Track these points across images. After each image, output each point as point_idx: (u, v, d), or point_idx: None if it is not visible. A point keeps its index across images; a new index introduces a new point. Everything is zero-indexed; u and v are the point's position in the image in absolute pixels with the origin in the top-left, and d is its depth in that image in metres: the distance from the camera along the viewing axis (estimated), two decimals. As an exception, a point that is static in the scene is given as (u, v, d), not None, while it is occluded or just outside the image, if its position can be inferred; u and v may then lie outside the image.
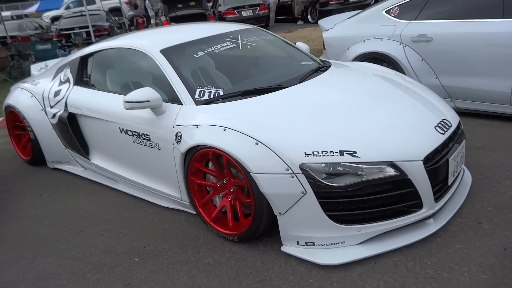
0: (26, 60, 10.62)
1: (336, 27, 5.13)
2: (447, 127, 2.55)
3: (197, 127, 2.57)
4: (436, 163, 2.34)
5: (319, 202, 2.22)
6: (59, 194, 3.63)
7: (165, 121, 2.78)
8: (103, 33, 12.34)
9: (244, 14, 13.49)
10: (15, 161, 4.50)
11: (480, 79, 3.90)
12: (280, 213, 2.30)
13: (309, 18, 14.37)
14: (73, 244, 2.84)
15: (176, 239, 2.72)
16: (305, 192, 2.21)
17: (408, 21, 4.36)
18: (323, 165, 2.21)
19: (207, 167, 2.64)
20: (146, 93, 2.74)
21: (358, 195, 2.24)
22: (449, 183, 2.50)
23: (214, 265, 2.42)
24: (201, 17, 12.42)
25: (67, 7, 26.12)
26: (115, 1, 27.31)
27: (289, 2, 15.23)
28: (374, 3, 15.58)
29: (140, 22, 11.83)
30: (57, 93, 3.76)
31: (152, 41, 3.22)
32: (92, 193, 3.56)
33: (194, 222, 2.89)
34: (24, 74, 10.43)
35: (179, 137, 2.66)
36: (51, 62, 4.95)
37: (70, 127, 3.59)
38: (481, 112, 4.00)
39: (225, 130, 2.42)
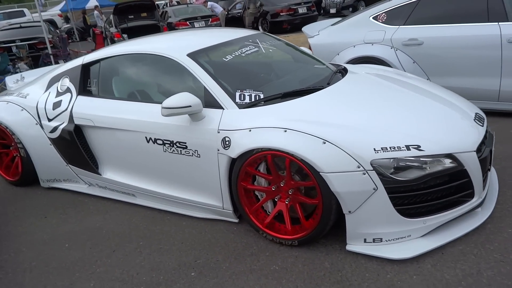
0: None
1: (322, 34, 5.27)
2: (483, 119, 2.71)
3: (250, 131, 2.49)
4: (483, 154, 2.48)
5: (389, 197, 2.25)
6: (68, 214, 3.31)
7: (206, 126, 2.67)
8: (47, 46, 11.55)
9: (196, 25, 13.38)
10: (-5, 184, 4.04)
11: (469, 78, 4.21)
12: (349, 212, 2.30)
13: (260, 29, 14.61)
14: (111, 265, 2.59)
15: (227, 250, 2.60)
16: (376, 188, 2.23)
17: (397, 26, 4.59)
18: (391, 160, 2.25)
19: (259, 171, 2.56)
20: (186, 98, 2.61)
21: (422, 188, 2.30)
22: (491, 172, 2.66)
23: (282, 271, 2.35)
24: (154, 29, 12.09)
25: (-7, 20, 24.19)
26: (46, 13, 25.85)
27: (239, 14, 15.39)
28: (320, 15, 16.24)
29: (97, 33, 11.18)
30: (56, 105, 3.45)
31: (175, 46, 3.09)
32: (106, 210, 3.29)
33: (237, 230, 2.78)
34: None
35: (227, 142, 2.56)
36: (27, 74, 4.56)
37: (78, 141, 3.31)
38: (472, 109, 4.31)
39: (286, 131, 2.38)
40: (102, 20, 16.27)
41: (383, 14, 4.75)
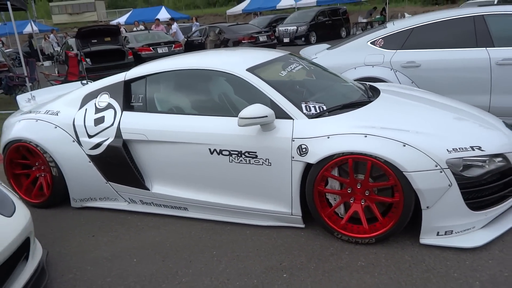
0: None
1: (320, 57, 5.64)
2: (510, 125, 3.14)
3: (328, 137, 2.69)
4: (521, 154, 2.89)
5: (461, 193, 2.55)
6: (117, 231, 3.22)
7: (278, 135, 2.82)
8: (2, 69, 10.92)
9: (159, 51, 13.38)
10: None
11: (462, 96, 4.74)
12: (428, 207, 2.55)
13: (221, 56, 14.91)
14: (195, 274, 2.60)
15: (305, 252, 2.72)
16: (451, 184, 2.52)
17: (395, 50, 5.09)
18: (461, 159, 2.55)
19: (335, 175, 2.74)
20: (261, 108, 2.76)
21: (484, 184, 2.63)
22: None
23: (369, 267, 2.52)
24: (118, 53, 11.91)
25: None
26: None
27: (199, 41, 15.64)
28: (278, 44, 16.88)
29: (71, 56, 10.72)
30: (99, 121, 3.39)
31: (232, 61, 3.23)
32: (158, 226, 3.25)
33: (306, 235, 2.92)
34: None
35: (303, 149, 2.73)
36: (37, 93, 4.41)
37: (127, 156, 3.28)
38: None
39: (366, 136, 2.61)
40: (58, 44, 15.70)
41: (380, 39, 5.24)
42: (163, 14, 28.77)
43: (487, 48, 4.60)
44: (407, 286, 2.33)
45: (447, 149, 2.55)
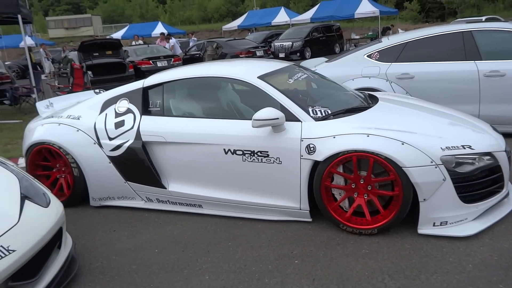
0: None
1: (319, 69, 5.96)
2: (496, 129, 3.46)
3: (334, 137, 2.97)
4: (508, 154, 3.19)
5: (454, 187, 2.83)
6: (136, 227, 3.45)
7: (288, 136, 3.10)
8: (5, 81, 11.14)
9: (159, 64, 13.72)
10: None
11: (453, 105, 5.05)
12: (424, 199, 2.83)
13: (219, 70, 15.29)
14: (213, 262, 2.84)
15: (314, 242, 2.97)
16: (445, 179, 2.80)
17: (390, 63, 5.44)
18: (454, 156, 2.85)
19: (340, 172, 3.02)
20: (274, 111, 3.04)
21: (475, 179, 2.92)
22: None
23: (373, 253, 2.78)
24: (119, 66, 12.22)
25: None
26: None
27: (197, 55, 16.02)
28: (274, 59, 17.29)
29: (76, 67, 11.01)
30: (119, 124, 3.65)
31: (244, 70, 3.53)
32: (174, 221, 3.49)
33: (313, 228, 3.17)
34: None
35: (311, 148, 3.01)
36: (55, 100, 4.66)
37: (146, 157, 3.53)
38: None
39: (368, 136, 2.90)
40: (48, 58, 16.26)
41: (376, 53, 5.59)
42: (160, 29, 29.27)
43: (475, 61, 4.96)
44: (407, 269, 2.59)
45: (441, 147, 2.85)
